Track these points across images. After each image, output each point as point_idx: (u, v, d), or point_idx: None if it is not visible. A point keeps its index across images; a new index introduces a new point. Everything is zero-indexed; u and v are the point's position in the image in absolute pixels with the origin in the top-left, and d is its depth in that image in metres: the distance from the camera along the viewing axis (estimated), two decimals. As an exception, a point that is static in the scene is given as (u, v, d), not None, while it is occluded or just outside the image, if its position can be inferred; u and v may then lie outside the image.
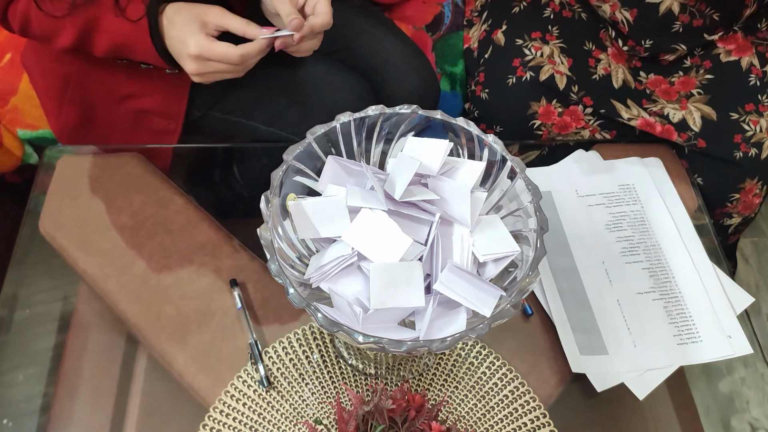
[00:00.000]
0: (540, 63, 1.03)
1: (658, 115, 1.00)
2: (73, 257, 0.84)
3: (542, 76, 1.02)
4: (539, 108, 1.03)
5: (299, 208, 0.63)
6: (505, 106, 1.06)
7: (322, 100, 0.98)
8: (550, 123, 1.03)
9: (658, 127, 0.99)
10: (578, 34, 1.05)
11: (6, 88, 1.13)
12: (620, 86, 1.03)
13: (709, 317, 0.81)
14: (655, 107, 1.01)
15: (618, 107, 1.01)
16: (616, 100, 1.01)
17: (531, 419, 0.73)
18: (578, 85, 1.02)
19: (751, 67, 1.02)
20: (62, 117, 1.00)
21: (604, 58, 1.04)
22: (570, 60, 1.03)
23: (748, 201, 1.01)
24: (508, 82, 1.05)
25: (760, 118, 0.98)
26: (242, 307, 0.79)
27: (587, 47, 1.04)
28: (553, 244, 0.87)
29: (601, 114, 1.03)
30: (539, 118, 1.03)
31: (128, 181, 0.91)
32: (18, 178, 1.25)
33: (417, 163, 0.62)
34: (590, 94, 1.02)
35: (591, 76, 1.02)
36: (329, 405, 0.73)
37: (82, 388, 0.75)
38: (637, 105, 1.01)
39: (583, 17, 1.05)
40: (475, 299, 0.59)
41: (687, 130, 0.99)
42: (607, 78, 1.03)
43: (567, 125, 1.03)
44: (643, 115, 1.00)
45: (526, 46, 1.05)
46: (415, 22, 1.24)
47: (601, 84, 1.03)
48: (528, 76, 1.03)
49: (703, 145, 0.98)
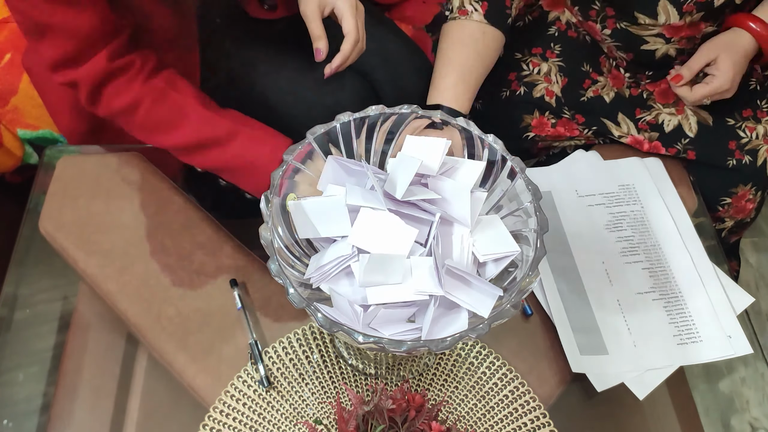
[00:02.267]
0: (535, 80, 1.03)
1: (650, 125, 1.00)
2: (73, 257, 0.84)
3: (535, 93, 1.03)
4: (532, 120, 1.03)
5: (299, 208, 0.63)
6: (498, 118, 1.06)
7: (322, 99, 0.98)
8: (544, 134, 1.03)
9: (646, 144, 0.99)
10: (579, 55, 1.04)
11: (6, 88, 1.13)
12: (612, 99, 1.02)
13: (709, 317, 0.81)
14: (649, 115, 1.01)
15: (609, 125, 1.01)
16: (606, 119, 1.01)
17: (531, 419, 0.73)
18: (568, 106, 1.03)
19: (753, 72, 1.01)
20: (74, 124, 0.99)
21: (601, 80, 1.04)
22: (565, 80, 1.03)
23: (741, 206, 1.01)
24: (502, 95, 1.05)
25: (757, 124, 0.98)
26: (242, 307, 0.79)
27: (585, 69, 1.04)
28: (553, 244, 0.87)
29: (592, 131, 1.03)
30: (533, 131, 1.03)
31: (128, 181, 0.91)
32: (18, 178, 1.25)
33: (418, 163, 0.62)
34: (581, 113, 1.03)
35: (580, 98, 1.02)
36: (329, 405, 0.73)
37: (82, 388, 0.75)
38: (628, 119, 1.01)
39: (587, 40, 1.04)
40: (474, 300, 0.59)
41: (681, 138, 0.98)
42: (598, 97, 1.03)
43: (561, 135, 1.03)
44: (632, 132, 1.00)
45: (524, 61, 1.05)
46: (415, 22, 1.24)
47: (592, 104, 1.03)
48: (522, 91, 1.04)
49: (693, 157, 0.98)
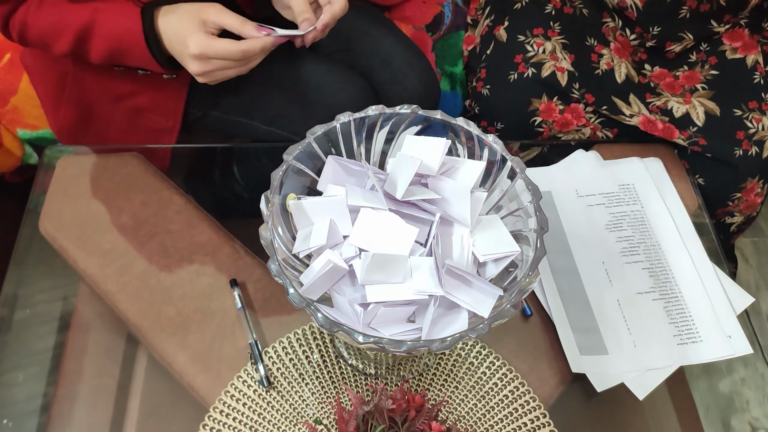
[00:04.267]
0: (542, 60, 1.03)
1: (660, 110, 1.00)
2: (73, 257, 0.84)
3: (544, 72, 1.02)
4: (540, 105, 1.03)
5: (299, 208, 0.63)
6: (506, 103, 1.06)
7: (323, 100, 0.98)
8: (551, 120, 1.03)
9: (659, 124, 0.99)
10: (580, 29, 1.05)
11: (6, 88, 1.13)
12: (623, 81, 1.03)
13: (709, 317, 0.81)
14: (658, 101, 1.01)
15: (620, 104, 1.00)
16: (617, 97, 1.01)
17: (531, 419, 0.73)
18: (580, 82, 1.02)
19: (757, 65, 1.02)
20: (60, 115, 1.00)
21: (606, 53, 1.04)
22: (572, 56, 1.03)
23: (750, 200, 1.01)
24: (510, 79, 1.05)
25: (762, 116, 0.98)
26: (242, 307, 0.79)
27: (589, 42, 1.04)
28: (553, 244, 0.87)
29: (602, 113, 1.03)
30: (540, 115, 1.03)
31: (128, 181, 0.91)
32: (18, 178, 1.25)
33: (418, 162, 0.62)
34: (592, 91, 1.02)
35: (593, 72, 1.02)
36: (329, 405, 0.73)
37: (82, 388, 0.75)
38: (639, 101, 1.01)
39: (584, 13, 1.05)
40: (474, 300, 0.59)
41: (690, 125, 0.99)
42: (609, 73, 1.02)
43: (568, 122, 1.03)
44: (644, 112, 1.00)
45: (528, 42, 1.05)
46: (415, 22, 1.24)
47: (604, 79, 1.02)
48: (530, 72, 1.03)
49: (704, 143, 0.98)
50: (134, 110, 0.98)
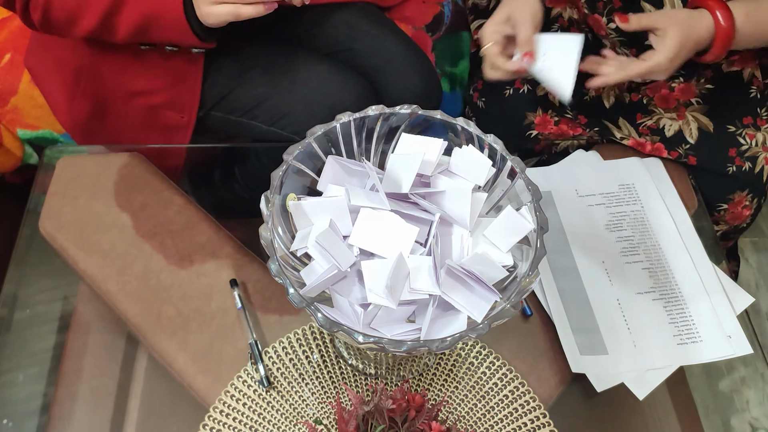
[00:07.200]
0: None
1: (651, 130, 1.00)
2: (73, 257, 0.84)
3: (539, 92, 1.03)
4: (535, 118, 1.03)
5: (299, 208, 0.63)
6: (501, 116, 1.06)
7: (323, 100, 0.98)
8: (547, 132, 1.03)
9: (648, 146, 0.99)
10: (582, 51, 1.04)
11: (6, 88, 1.13)
12: (612, 105, 1.02)
13: (709, 317, 0.81)
14: (649, 120, 1.00)
15: (611, 127, 1.01)
16: (608, 121, 1.01)
17: (531, 419, 0.73)
18: (571, 105, 1.02)
19: (753, 79, 1.01)
20: (74, 110, 0.99)
21: None
22: None
23: (737, 212, 1.01)
24: (505, 93, 1.05)
25: (756, 132, 0.98)
26: (242, 307, 0.79)
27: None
28: (553, 244, 0.87)
29: (593, 134, 1.03)
30: (536, 128, 1.03)
31: (128, 181, 0.91)
32: (18, 178, 1.25)
33: (420, 158, 0.62)
34: (583, 113, 1.03)
35: (582, 97, 1.02)
36: (329, 405, 0.73)
37: (82, 388, 0.75)
38: (629, 123, 1.01)
39: (588, 38, 1.04)
40: (469, 302, 0.59)
41: (682, 143, 0.98)
42: (598, 99, 1.02)
43: (564, 133, 1.03)
44: (633, 135, 1.00)
45: None
46: (415, 22, 1.24)
47: (593, 104, 1.02)
48: (525, 89, 1.03)
49: (694, 162, 0.98)
50: (149, 107, 0.98)
